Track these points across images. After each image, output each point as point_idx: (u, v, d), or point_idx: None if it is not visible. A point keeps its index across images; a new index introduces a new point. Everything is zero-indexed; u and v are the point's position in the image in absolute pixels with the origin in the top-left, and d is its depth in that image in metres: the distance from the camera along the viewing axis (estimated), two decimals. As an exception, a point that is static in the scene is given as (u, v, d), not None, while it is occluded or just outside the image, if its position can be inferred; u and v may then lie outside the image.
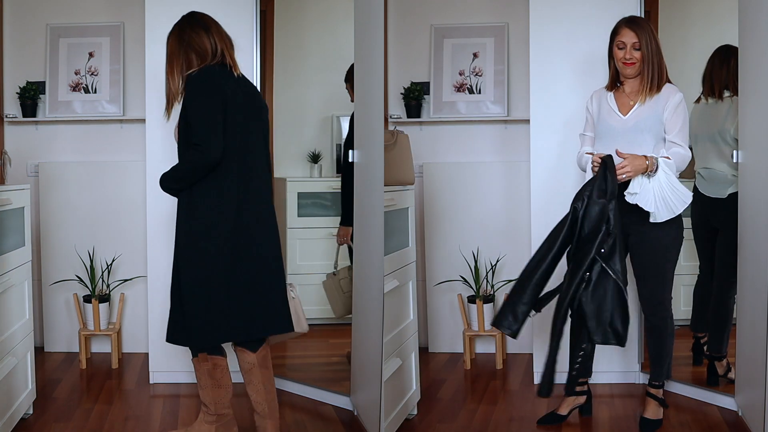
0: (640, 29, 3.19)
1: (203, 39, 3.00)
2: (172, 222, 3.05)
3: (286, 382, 3.83)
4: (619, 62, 3.24)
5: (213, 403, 3.04)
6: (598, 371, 3.87)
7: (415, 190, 3.68)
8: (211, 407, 3.05)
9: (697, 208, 3.69)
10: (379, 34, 3.04)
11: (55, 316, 4.52)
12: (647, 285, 3.25)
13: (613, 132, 3.22)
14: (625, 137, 3.18)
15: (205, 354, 3.01)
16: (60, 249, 4.48)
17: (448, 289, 4.47)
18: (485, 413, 3.50)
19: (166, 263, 3.32)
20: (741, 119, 3.26)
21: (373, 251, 3.06)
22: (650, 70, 3.19)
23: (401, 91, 4.61)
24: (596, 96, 3.37)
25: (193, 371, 3.84)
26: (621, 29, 3.22)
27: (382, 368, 3.03)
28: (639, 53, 3.19)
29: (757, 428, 3.03)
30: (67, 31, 4.56)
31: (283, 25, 4.35)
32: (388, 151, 3.44)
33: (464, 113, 4.57)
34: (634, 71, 3.22)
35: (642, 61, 3.19)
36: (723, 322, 3.65)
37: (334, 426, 3.35)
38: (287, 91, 4.03)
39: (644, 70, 3.20)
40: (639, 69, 3.21)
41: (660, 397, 3.31)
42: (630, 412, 3.50)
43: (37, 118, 4.56)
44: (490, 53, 4.58)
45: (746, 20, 3.19)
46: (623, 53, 3.21)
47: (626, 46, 3.20)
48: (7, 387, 3.11)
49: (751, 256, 3.11)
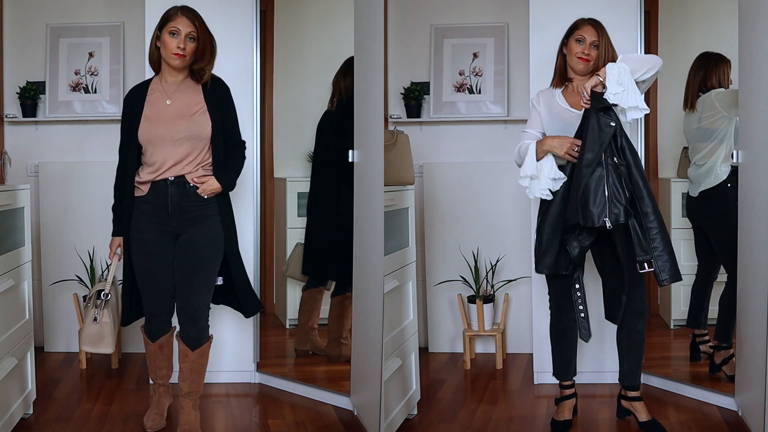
0: (602, 30, 3.19)
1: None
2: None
3: (286, 382, 3.83)
4: (573, 56, 3.19)
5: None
6: (598, 371, 3.88)
7: (415, 190, 3.68)
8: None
9: (687, 207, 3.84)
10: (379, 34, 3.04)
11: (55, 316, 4.51)
12: (637, 288, 3.17)
13: (571, 127, 3.16)
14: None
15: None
16: (60, 249, 4.48)
17: (448, 289, 4.47)
18: (485, 413, 3.50)
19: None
20: (741, 119, 3.26)
21: (373, 251, 3.06)
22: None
23: (401, 91, 4.62)
24: (543, 96, 3.29)
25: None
26: (583, 25, 3.21)
27: (382, 368, 3.03)
28: (596, 52, 3.17)
29: (757, 428, 3.02)
30: (67, 31, 4.57)
31: (283, 25, 4.35)
32: (388, 151, 3.45)
33: (464, 113, 4.57)
34: (587, 69, 3.18)
35: (597, 61, 3.16)
36: (731, 314, 3.66)
37: (334, 426, 3.35)
38: (287, 91, 4.03)
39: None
40: (591, 68, 3.18)
41: (641, 396, 3.29)
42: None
43: (37, 118, 4.57)
44: (490, 53, 4.58)
45: (746, 20, 3.19)
46: (581, 48, 3.18)
47: (585, 41, 3.18)
48: (7, 387, 3.11)
49: (751, 255, 3.11)
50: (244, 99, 3.84)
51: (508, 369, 4.18)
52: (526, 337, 4.39)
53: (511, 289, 4.41)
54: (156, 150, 3.05)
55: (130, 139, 3.09)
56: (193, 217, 3.09)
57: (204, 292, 3.10)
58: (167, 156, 3.04)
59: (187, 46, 3.03)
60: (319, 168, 4.05)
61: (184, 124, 3.05)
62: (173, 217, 3.08)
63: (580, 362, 3.86)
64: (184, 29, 3.02)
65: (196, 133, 3.05)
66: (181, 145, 3.04)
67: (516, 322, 4.45)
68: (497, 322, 4.37)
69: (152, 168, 3.07)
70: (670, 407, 3.51)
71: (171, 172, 3.05)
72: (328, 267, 3.99)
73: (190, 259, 3.07)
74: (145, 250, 3.09)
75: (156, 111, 3.07)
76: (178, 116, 3.06)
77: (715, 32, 4.05)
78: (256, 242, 3.91)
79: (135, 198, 3.11)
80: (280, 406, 3.61)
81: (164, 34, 3.04)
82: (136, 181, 3.10)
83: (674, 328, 4.19)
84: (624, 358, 3.27)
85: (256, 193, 3.92)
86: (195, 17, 3.05)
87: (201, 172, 3.09)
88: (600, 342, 3.84)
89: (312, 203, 4.10)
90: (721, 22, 4.00)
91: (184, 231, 3.10)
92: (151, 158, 3.06)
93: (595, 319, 3.85)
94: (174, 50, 3.02)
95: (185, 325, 3.11)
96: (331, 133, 3.97)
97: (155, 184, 3.07)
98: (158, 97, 3.09)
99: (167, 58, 3.05)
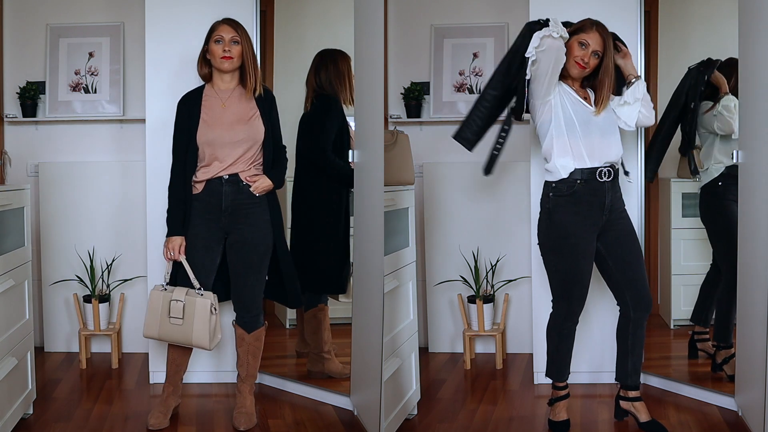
0: (608, 38, 3.12)
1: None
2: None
3: (286, 382, 3.83)
4: (571, 58, 3.09)
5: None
6: (598, 371, 3.88)
7: (415, 190, 3.68)
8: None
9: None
10: (379, 34, 3.04)
11: (55, 316, 4.51)
12: (636, 276, 3.18)
13: (591, 120, 3.15)
14: (599, 127, 3.17)
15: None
16: (60, 249, 4.48)
17: (448, 289, 4.47)
18: (485, 413, 3.50)
19: (166, 263, 3.38)
20: (741, 119, 3.26)
21: (373, 251, 3.06)
22: (608, 83, 3.14)
23: (401, 91, 4.62)
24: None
25: (192, 372, 3.87)
26: (590, 30, 3.10)
27: (382, 368, 3.03)
28: (595, 61, 3.11)
29: (757, 428, 3.03)
30: (67, 31, 4.56)
31: (283, 25, 4.34)
32: (388, 151, 3.45)
33: (464, 113, 4.53)
34: (581, 75, 3.14)
35: (592, 70, 3.13)
36: (728, 313, 3.67)
37: (334, 426, 3.35)
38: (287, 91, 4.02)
39: (603, 83, 3.14)
40: (585, 75, 3.16)
41: (641, 396, 3.29)
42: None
43: (37, 118, 4.56)
44: (490, 53, 4.58)
45: (746, 21, 3.19)
46: (582, 53, 3.09)
47: (588, 47, 3.10)
48: (7, 387, 3.11)
49: (751, 255, 3.11)
50: (244, 99, 3.84)
51: (508, 369, 4.18)
52: (526, 337, 4.39)
53: (511, 289, 4.41)
54: (215, 151, 3.27)
55: (189, 142, 3.28)
56: (245, 215, 3.30)
57: (256, 288, 3.37)
58: (225, 156, 3.27)
59: (233, 49, 3.26)
60: (307, 174, 3.80)
61: (242, 128, 3.28)
62: (225, 213, 3.29)
63: (580, 362, 3.87)
64: (227, 35, 3.27)
65: (254, 136, 3.29)
66: (239, 147, 3.27)
67: (516, 322, 4.45)
68: (497, 322, 4.37)
69: (209, 167, 3.28)
70: (670, 407, 3.51)
71: (227, 171, 3.28)
72: (322, 281, 3.75)
73: (243, 261, 3.32)
74: (193, 244, 3.30)
75: (213, 115, 3.30)
76: (236, 120, 3.29)
77: (715, 33, 4.05)
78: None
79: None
80: (280, 406, 3.61)
81: (211, 44, 3.29)
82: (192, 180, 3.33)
83: (674, 328, 4.19)
84: (629, 355, 3.26)
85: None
86: (237, 25, 3.30)
87: (253, 171, 3.32)
88: (599, 342, 3.85)
89: (298, 212, 3.85)
90: (721, 22, 4.00)
91: (235, 229, 3.31)
92: (209, 158, 3.28)
93: (595, 318, 3.86)
94: (221, 54, 3.26)
95: (240, 311, 3.40)
96: (307, 134, 3.75)
97: (210, 182, 3.29)
98: (214, 103, 3.32)
99: (217, 64, 3.28)
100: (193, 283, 3.27)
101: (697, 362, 3.91)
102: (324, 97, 3.73)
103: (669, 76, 3.93)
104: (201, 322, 3.22)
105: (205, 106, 3.30)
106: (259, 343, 3.43)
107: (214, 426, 3.38)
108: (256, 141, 3.30)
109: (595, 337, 3.87)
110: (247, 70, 3.28)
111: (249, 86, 3.28)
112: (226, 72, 3.29)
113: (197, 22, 3.56)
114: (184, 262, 3.27)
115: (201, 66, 3.35)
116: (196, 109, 3.30)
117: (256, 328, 3.41)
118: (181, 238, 3.28)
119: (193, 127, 3.27)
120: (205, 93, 3.34)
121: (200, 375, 3.93)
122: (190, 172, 3.29)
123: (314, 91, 3.78)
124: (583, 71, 3.13)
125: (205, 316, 3.22)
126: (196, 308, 3.22)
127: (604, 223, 3.18)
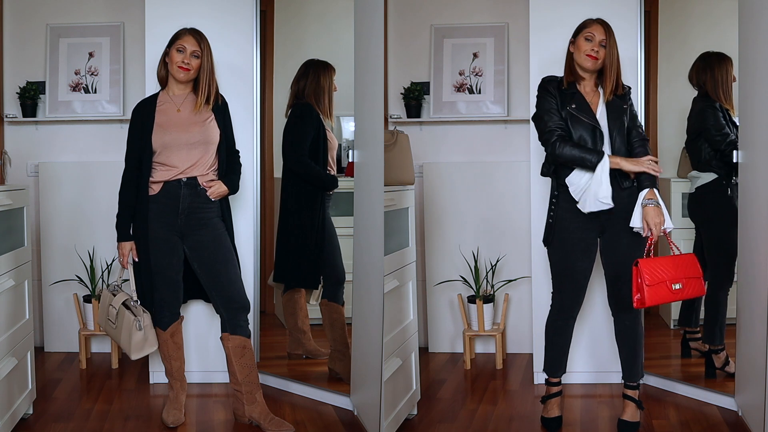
0: (610, 31, 3.19)
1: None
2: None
3: (286, 382, 3.83)
4: (582, 53, 3.19)
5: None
6: (598, 371, 3.88)
7: (415, 190, 3.68)
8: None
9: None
10: (379, 34, 3.04)
11: (55, 316, 4.52)
12: (625, 284, 3.20)
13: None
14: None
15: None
16: (60, 249, 4.48)
17: (448, 289, 4.47)
18: (485, 413, 3.50)
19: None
20: (741, 119, 3.26)
21: (373, 251, 3.06)
22: (613, 74, 3.18)
23: (401, 91, 4.62)
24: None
25: (192, 372, 3.87)
26: (592, 24, 3.21)
27: (382, 368, 3.03)
28: (604, 51, 3.18)
29: (757, 428, 3.03)
30: (67, 31, 4.56)
31: (283, 25, 4.34)
32: (388, 151, 3.44)
33: (464, 113, 4.57)
34: (595, 67, 3.19)
35: (604, 60, 3.18)
36: (715, 314, 3.68)
37: (334, 426, 3.36)
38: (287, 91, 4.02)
39: (607, 74, 3.18)
40: (598, 66, 3.19)
41: (637, 399, 3.29)
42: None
43: (37, 118, 4.56)
44: (490, 53, 4.58)
45: (746, 20, 3.19)
46: (590, 45, 3.18)
47: (594, 39, 3.18)
48: (7, 387, 3.11)
49: (751, 255, 3.11)
50: (243, 99, 3.84)
51: (508, 369, 4.18)
52: (525, 337, 4.39)
53: (511, 289, 4.41)
54: (171, 153, 3.28)
55: (143, 147, 3.28)
56: (199, 218, 3.32)
57: (239, 280, 3.36)
58: (183, 158, 3.28)
59: (192, 62, 3.31)
60: (287, 177, 3.86)
61: (198, 129, 3.31)
62: (182, 216, 3.30)
63: (580, 362, 3.87)
64: (189, 47, 3.30)
65: (209, 138, 3.32)
66: (195, 149, 3.29)
67: (516, 322, 4.45)
68: (497, 322, 4.37)
69: (167, 169, 3.28)
70: (670, 407, 3.51)
71: (185, 174, 3.28)
72: (297, 275, 3.88)
73: (213, 259, 3.31)
74: (157, 246, 3.29)
75: (168, 119, 3.32)
76: (191, 123, 3.31)
77: (715, 32, 4.05)
78: (256, 242, 3.91)
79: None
80: (280, 406, 3.61)
81: (172, 50, 3.32)
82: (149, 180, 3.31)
83: (674, 328, 4.19)
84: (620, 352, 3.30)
85: (256, 193, 3.92)
86: (201, 38, 3.33)
87: (211, 176, 3.34)
88: (600, 342, 3.85)
89: (282, 210, 3.92)
90: (721, 21, 4.00)
91: (191, 233, 3.32)
92: (167, 160, 3.28)
93: (595, 317, 3.86)
94: (179, 64, 3.30)
95: (236, 315, 3.32)
96: (285, 142, 3.81)
97: (167, 184, 3.29)
98: (168, 108, 3.35)
99: (173, 71, 3.32)
100: (132, 295, 3.32)
101: (697, 362, 3.90)
102: (300, 105, 3.81)
103: (669, 76, 3.93)
104: (126, 333, 3.28)
105: (160, 111, 3.33)
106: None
107: (214, 426, 3.38)
108: (212, 143, 3.32)
109: (595, 337, 3.87)
110: (201, 83, 3.31)
111: (199, 100, 3.31)
112: (180, 82, 3.34)
113: (197, 22, 3.56)
114: (130, 270, 3.32)
115: (160, 68, 3.38)
116: (150, 115, 3.32)
117: (248, 330, 3.36)
118: (130, 243, 3.31)
119: (147, 133, 3.28)
120: (159, 99, 3.37)
121: (200, 375, 3.93)
122: (144, 178, 3.28)
123: (294, 98, 3.86)
124: (596, 62, 3.19)
125: (129, 330, 3.27)
126: (124, 321, 3.28)
127: (604, 222, 3.19)
